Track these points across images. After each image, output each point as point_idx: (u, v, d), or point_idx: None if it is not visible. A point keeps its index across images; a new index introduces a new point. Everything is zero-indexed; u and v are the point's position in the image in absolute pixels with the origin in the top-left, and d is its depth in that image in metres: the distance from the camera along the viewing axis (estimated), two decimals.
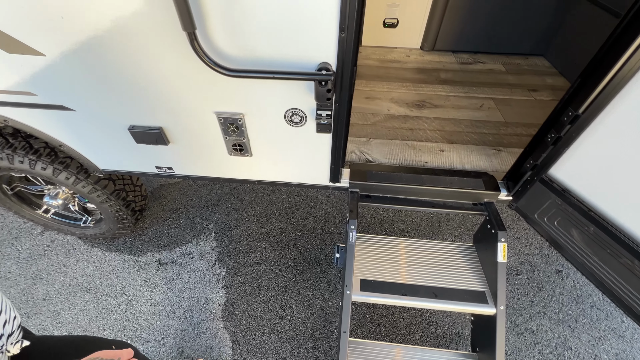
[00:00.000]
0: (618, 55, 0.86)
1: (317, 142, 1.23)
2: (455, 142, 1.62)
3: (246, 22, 0.89)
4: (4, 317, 0.68)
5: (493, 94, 1.99)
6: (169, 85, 1.08)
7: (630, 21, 0.85)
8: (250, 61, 0.97)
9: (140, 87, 1.10)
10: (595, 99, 0.94)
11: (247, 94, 1.08)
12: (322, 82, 0.94)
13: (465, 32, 2.32)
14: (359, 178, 1.40)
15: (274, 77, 0.95)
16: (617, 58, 0.87)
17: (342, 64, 0.95)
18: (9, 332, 0.68)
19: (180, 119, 1.20)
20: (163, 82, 1.07)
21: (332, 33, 0.89)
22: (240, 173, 1.43)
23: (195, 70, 1.01)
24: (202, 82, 1.05)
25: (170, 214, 2.24)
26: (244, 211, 2.25)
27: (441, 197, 1.40)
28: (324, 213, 2.23)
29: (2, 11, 0.92)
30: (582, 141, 1.02)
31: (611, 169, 0.96)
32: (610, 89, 0.90)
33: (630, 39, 0.83)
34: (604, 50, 0.92)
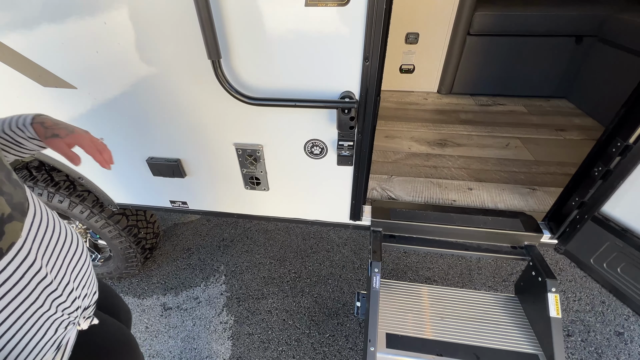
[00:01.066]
0: None
1: (338, 175, 1.16)
2: (484, 180, 1.52)
3: (269, 52, 0.89)
4: (86, 290, 0.66)
5: (518, 133, 1.92)
6: (191, 116, 1.08)
7: None
8: (272, 90, 0.96)
9: (163, 117, 1.10)
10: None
11: (267, 124, 1.06)
12: (345, 109, 0.91)
13: (482, 75, 2.35)
14: (381, 216, 1.29)
15: (296, 105, 0.92)
16: None
17: (366, 92, 0.92)
18: (85, 306, 0.66)
19: (199, 150, 1.18)
20: (185, 112, 1.07)
21: (355, 61, 0.87)
22: (255, 208, 1.36)
23: (217, 100, 1.01)
24: (223, 112, 1.04)
25: (181, 253, 2.15)
26: (256, 253, 2.13)
27: (474, 238, 1.26)
28: (341, 257, 2.08)
29: (43, 46, 0.97)
30: (637, 175, 0.91)
31: None
32: None
33: None
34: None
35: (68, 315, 0.61)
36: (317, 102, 0.92)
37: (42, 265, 0.55)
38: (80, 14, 0.89)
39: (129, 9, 0.87)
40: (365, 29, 0.81)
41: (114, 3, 0.86)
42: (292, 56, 0.89)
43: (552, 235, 1.20)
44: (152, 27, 0.89)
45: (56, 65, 1.01)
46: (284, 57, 0.89)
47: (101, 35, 0.92)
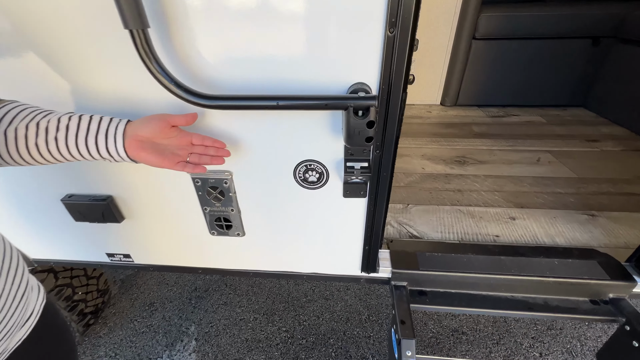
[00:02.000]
0: None
1: (344, 211, 0.80)
2: (526, 206, 1.18)
3: (236, 22, 0.54)
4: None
5: (545, 146, 1.63)
6: None
7: None
8: (241, 84, 0.61)
9: None
10: None
11: (237, 139, 0.69)
12: (359, 110, 0.56)
13: (491, 85, 2.10)
14: (405, 264, 0.92)
15: (279, 107, 0.56)
16: None
17: (391, 83, 0.58)
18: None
19: (138, 182, 0.80)
20: None
21: (373, 33, 0.54)
22: (227, 261, 0.96)
23: (158, 103, 0.65)
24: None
25: (140, 311, 1.69)
26: (237, 305, 1.69)
27: (538, 291, 0.90)
28: (344, 306, 1.67)
29: None
30: None
31: None
32: None
33: None
34: None
35: None
36: (314, 100, 0.57)
37: None
38: None
39: None
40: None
41: None
42: (272, 29, 0.55)
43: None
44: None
45: None
46: (261, 30, 0.55)
47: None
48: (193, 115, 0.58)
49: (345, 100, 0.55)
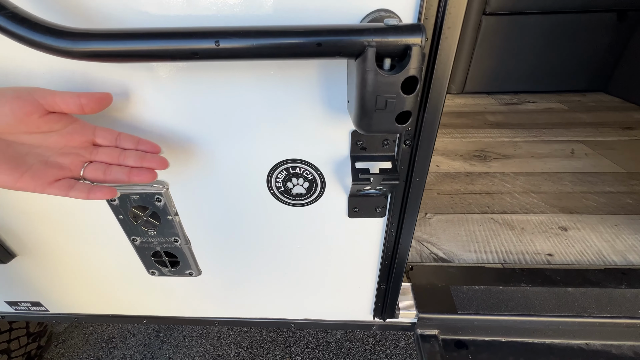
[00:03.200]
0: None
1: (349, 237, 0.52)
2: (576, 212, 0.93)
3: None
4: None
5: (575, 136, 1.38)
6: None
7: None
8: (152, 20, 0.31)
9: None
10: None
11: (168, 126, 0.40)
12: (386, 57, 0.27)
13: (501, 71, 1.85)
14: (435, 304, 0.65)
15: (222, 52, 0.27)
16: None
17: (441, 11, 0.30)
18: None
19: (28, 204, 0.50)
20: None
21: None
22: (181, 307, 0.67)
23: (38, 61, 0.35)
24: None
25: (95, 350, 1.37)
26: (215, 338, 1.40)
27: (623, 337, 0.64)
28: (343, 334, 1.39)
29: None
30: None
31: None
32: None
33: None
34: None
35: None
36: (295, 36, 0.28)
37: None
38: None
39: None
40: None
41: None
42: None
43: None
44: None
45: None
46: None
47: None
48: (100, 97, 0.30)
49: (359, 34, 0.27)
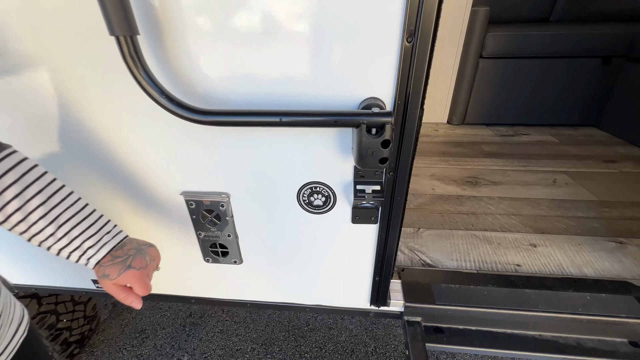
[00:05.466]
0: None
1: (352, 239, 0.72)
2: (547, 232, 1.10)
3: (235, 30, 0.49)
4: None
5: (561, 167, 1.55)
6: (108, 149, 0.65)
7: None
8: (241, 99, 0.55)
9: (66, 152, 0.67)
10: None
11: (235, 159, 0.63)
12: (372, 128, 0.49)
13: (499, 103, 2.06)
14: (419, 297, 0.83)
15: (282, 123, 0.50)
16: None
17: (407, 97, 0.52)
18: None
19: (127, 204, 0.74)
20: (99, 141, 0.64)
21: (390, 42, 0.48)
22: (223, 290, 0.88)
23: (150, 119, 0.59)
24: (162, 139, 0.62)
25: (130, 339, 1.58)
26: (234, 334, 1.58)
27: (568, 330, 0.80)
28: (348, 337, 1.55)
29: None
30: None
31: None
32: None
33: None
34: None
35: None
36: (322, 116, 0.50)
37: None
38: None
39: None
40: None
41: None
42: (276, 37, 0.49)
43: None
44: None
45: None
46: (263, 39, 0.50)
47: None
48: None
49: (357, 116, 0.49)
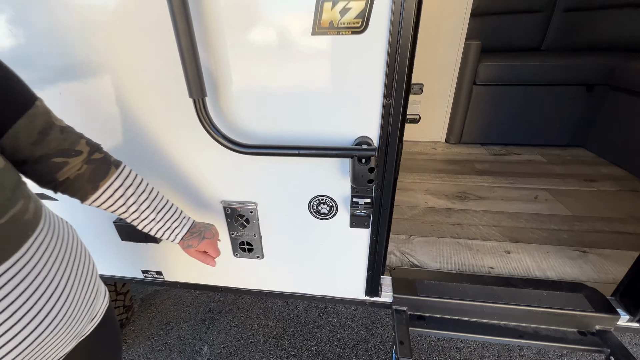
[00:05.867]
0: None
1: (350, 240, 0.93)
2: (522, 241, 1.27)
3: (267, 90, 0.72)
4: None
5: (544, 184, 1.73)
6: (170, 168, 0.88)
7: None
8: (270, 136, 0.77)
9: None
10: None
11: (263, 177, 0.85)
12: (362, 158, 0.71)
13: (493, 124, 2.25)
14: (405, 290, 1.02)
15: (299, 154, 0.72)
16: None
17: (387, 137, 0.73)
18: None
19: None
20: (163, 163, 0.87)
21: (374, 99, 0.70)
22: (246, 281, 1.09)
23: (203, 149, 0.82)
24: (210, 163, 0.85)
25: (157, 330, 1.79)
26: (248, 328, 1.77)
27: (528, 320, 0.98)
28: (350, 334, 1.72)
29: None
30: None
31: None
32: None
33: None
34: None
35: None
36: (327, 150, 0.72)
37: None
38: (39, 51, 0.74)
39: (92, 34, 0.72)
40: (388, 59, 0.65)
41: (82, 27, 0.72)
42: (295, 94, 0.72)
43: (631, 317, 0.92)
44: (122, 57, 0.74)
45: None
46: (286, 96, 0.72)
47: (66, 72, 0.76)
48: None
49: (351, 151, 0.71)
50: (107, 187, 0.56)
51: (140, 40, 0.70)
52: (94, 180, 0.54)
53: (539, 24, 2.43)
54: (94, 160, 0.54)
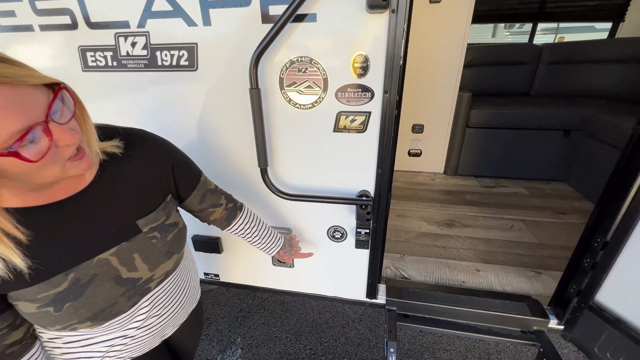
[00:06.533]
0: (629, 186, 0.98)
1: (356, 257, 1.33)
2: (491, 262, 1.63)
3: (305, 161, 1.16)
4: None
5: (521, 215, 2.07)
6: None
7: (630, 157, 1.00)
8: (304, 188, 1.20)
9: None
10: (619, 225, 1.01)
11: (298, 212, 1.28)
12: (362, 205, 1.12)
13: (484, 159, 2.61)
14: (396, 295, 1.41)
15: (323, 201, 1.15)
16: (628, 188, 0.98)
17: (379, 193, 1.15)
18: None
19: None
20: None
21: (371, 169, 1.12)
22: (280, 283, 1.50)
23: (261, 196, 1.25)
24: (265, 204, 1.28)
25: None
26: (273, 326, 2.17)
27: (484, 321, 1.34)
28: (356, 334, 2.09)
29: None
30: (621, 267, 1.04)
31: None
32: (630, 217, 0.98)
33: (634, 172, 0.97)
34: (613, 181, 1.05)
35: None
36: (339, 199, 1.14)
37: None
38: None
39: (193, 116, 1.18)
40: (378, 148, 1.07)
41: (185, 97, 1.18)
42: (321, 164, 1.15)
43: (559, 321, 1.27)
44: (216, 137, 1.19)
45: None
46: (316, 165, 1.15)
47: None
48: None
49: (355, 200, 1.12)
50: (235, 224, 0.99)
51: (229, 125, 1.16)
52: (228, 220, 0.97)
53: (527, 73, 2.82)
54: (229, 208, 0.96)
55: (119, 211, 0.68)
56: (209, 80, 1.08)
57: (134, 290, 0.72)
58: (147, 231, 0.72)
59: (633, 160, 1.00)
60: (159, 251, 0.75)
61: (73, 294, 0.63)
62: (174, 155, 0.81)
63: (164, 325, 0.84)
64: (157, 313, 0.80)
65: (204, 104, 1.14)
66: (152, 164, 0.75)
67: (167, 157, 0.78)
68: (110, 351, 0.76)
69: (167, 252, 0.77)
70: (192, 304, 0.96)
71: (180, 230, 0.82)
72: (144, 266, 0.73)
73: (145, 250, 0.72)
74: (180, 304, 0.87)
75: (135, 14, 1.02)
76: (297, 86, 1.02)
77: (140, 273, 0.72)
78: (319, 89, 1.01)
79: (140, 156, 0.73)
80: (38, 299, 0.60)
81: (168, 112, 1.17)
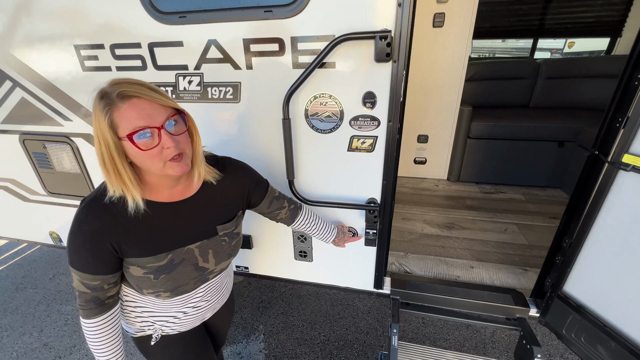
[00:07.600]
0: (587, 198, 1.21)
1: (365, 252, 1.59)
2: (484, 260, 1.86)
3: (323, 174, 1.42)
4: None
5: (516, 220, 2.29)
6: None
7: (587, 177, 1.23)
8: (322, 195, 1.47)
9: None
10: (580, 228, 1.24)
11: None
12: (370, 210, 1.38)
13: (485, 167, 2.82)
14: (399, 286, 1.66)
15: (338, 206, 1.41)
16: (587, 200, 1.21)
17: (385, 199, 1.41)
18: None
19: (266, 230, 1.67)
20: None
21: (378, 181, 1.38)
22: (301, 275, 1.77)
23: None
24: None
25: None
26: (290, 315, 2.44)
27: (474, 309, 1.57)
28: (365, 324, 2.34)
29: None
30: (581, 262, 1.27)
31: (609, 286, 1.16)
32: (587, 222, 1.21)
33: (590, 188, 1.20)
34: (576, 194, 1.29)
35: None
36: (351, 205, 1.41)
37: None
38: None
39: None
40: (384, 164, 1.33)
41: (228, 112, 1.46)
42: (337, 177, 1.41)
43: (537, 309, 1.49)
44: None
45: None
46: (332, 177, 1.42)
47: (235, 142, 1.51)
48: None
49: (364, 206, 1.38)
50: (297, 221, 1.26)
51: (263, 145, 1.44)
52: (292, 218, 1.24)
53: (526, 87, 3.02)
54: (291, 209, 1.22)
55: (208, 217, 0.96)
56: (249, 110, 1.37)
57: (202, 277, 1.00)
58: (221, 235, 0.99)
59: (589, 179, 1.23)
60: (224, 251, 1.02)
61: (167, 269, 0.91)
62: (252, 176, 1.10)
63: (208, 309, 1.10)
64: (207, 298, 1.07)
65: (244, 128, 1.42)
66: (236, 185, 1.04)
67: (249, 179, 1.08)
68: (169, 322, 1.03)
69: (229, 253, 1.04)
70: (226, 296, 1.23)
71: (241, 239, 1.10)
72: (213, 260, 1.00)
73: (216, 249, 0.99)
74: (221, 294, 1.15)
75: (193, 60, 1.31)
76: (319, 116, 1.29)
77: (209, 265, 1.00)
78: (337, 118, 1.28)
79: (229, 179, 1.02)
80: (146, 267, 0.88)
81: (216, 134, 1.46)
